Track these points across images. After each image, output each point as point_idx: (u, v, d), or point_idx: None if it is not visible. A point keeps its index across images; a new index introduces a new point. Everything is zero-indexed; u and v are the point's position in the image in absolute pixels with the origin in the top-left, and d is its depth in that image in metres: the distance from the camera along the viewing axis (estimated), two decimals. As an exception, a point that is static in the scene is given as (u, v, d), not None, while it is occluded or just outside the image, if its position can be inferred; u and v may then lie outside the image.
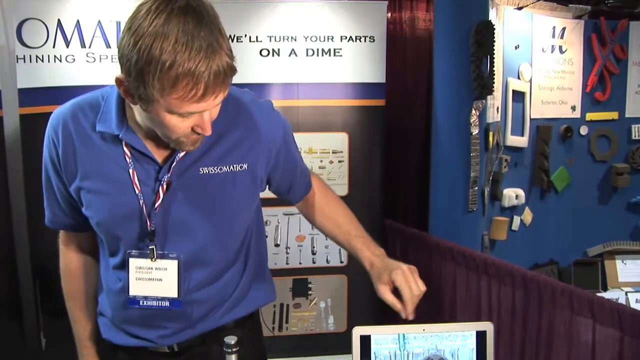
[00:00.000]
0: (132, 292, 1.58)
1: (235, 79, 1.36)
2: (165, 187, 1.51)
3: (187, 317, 1.62)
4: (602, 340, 2.46)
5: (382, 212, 3.40)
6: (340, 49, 3.20)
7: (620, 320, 2.39)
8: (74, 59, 2.88)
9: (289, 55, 3.17)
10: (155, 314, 1.60)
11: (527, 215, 4.03)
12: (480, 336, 1.63)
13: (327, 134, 3.23)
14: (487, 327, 1.64)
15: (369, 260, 1.70)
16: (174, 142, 1.43)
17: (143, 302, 1.58)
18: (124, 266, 1.58)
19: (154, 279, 1.57)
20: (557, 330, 2.61)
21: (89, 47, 2.90)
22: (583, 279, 4.27)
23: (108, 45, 2.90)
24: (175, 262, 1.56)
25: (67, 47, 2.87)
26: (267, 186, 1.74)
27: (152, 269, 1.57)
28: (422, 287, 1.59)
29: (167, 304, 1.58)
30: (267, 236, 3.13)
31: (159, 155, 1.52)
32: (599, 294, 3.36)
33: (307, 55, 3.18)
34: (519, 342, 2.77)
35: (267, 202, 1.85)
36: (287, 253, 3.30)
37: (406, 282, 1.59)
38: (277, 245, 3.27)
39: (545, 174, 4.07)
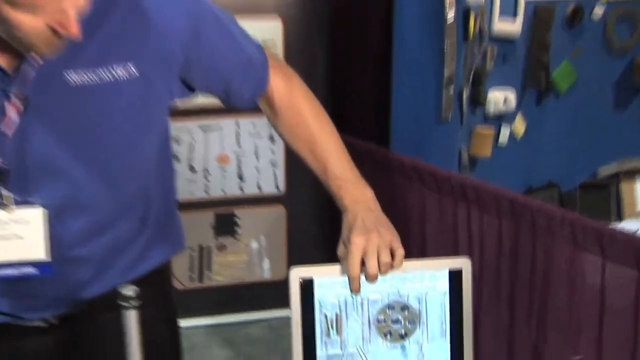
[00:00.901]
0: None
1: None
2: (18, 107, 1.39)
3: (64, 281, 1.55)
4: (614, 281, 2.49)
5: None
6: None
7: (637, 257, 2.40)
8: None
9: None
10: (19, 280, 1.51)
11: (519, 125, 4.08)
12: (455, 276, 1.63)
13: (255, 20, 3.13)
14: (464, 264, 1.64)
15: (344, 209, 1.63)
16: (25, 47, 1.31)
17: None
18: None
19: (11, 236, 1.47)
20: (556, 269, 2.65)
21: None
22: (592, 206, 4.32)
23: None
24: (40, 211, 1.46)
25: None
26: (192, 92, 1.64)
27: (7, 222, 1.46)
28: (386, 262, 1.54)
29: (33, 270, 1.49)
30: (176, 157, 3.10)
31: (4, 60, 1.38)
32: (611, 225, 3.46)
33: None
34: (507, 284, 2.81)
35: (177, 113, 1.81)
36: (207, 180, 3.28)
37: (354, 257, 1.53)
38: (192, 169, 3.25)
39: (544, 70, 4.09)
